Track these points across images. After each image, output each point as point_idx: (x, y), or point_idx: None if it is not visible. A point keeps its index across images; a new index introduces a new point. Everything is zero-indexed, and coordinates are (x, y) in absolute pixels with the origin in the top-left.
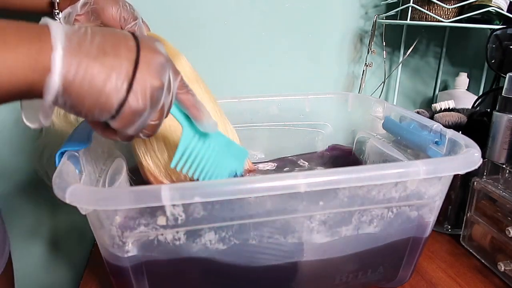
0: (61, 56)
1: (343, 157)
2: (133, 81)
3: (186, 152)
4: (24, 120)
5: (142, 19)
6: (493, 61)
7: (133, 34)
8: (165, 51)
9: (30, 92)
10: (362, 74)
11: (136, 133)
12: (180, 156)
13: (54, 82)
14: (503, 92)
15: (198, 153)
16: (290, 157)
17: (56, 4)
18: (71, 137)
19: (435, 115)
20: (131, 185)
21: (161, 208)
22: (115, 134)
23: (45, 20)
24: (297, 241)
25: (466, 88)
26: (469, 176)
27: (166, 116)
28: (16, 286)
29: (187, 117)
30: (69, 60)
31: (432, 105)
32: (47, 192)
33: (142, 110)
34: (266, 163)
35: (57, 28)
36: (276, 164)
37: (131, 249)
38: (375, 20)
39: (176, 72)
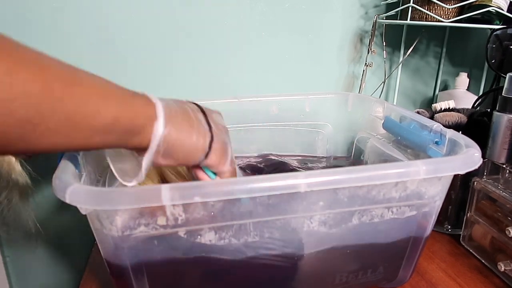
0: (162, 111)
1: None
2: (210, 126)
3: None
4: (122, 180)
5: None
6: (493, 61)
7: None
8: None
9: (138, 134)
10: (362, 74)
11: (231, 170)
12: None
13: (160, 129)
14: (503, 92)
15: None
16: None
17: None
18: None
19: (435, 115)
20: None
21: (161, 208)
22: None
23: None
24: (297, 241)
25: (466, 88)
26: (469, 176)
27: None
28: (17, 286)
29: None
30: (167, 116)
31: (432, 105)
32: (47, 191)
33: (225, 145)
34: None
35: (153, 96)
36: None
37: (131, 249)
38: (375, 20)
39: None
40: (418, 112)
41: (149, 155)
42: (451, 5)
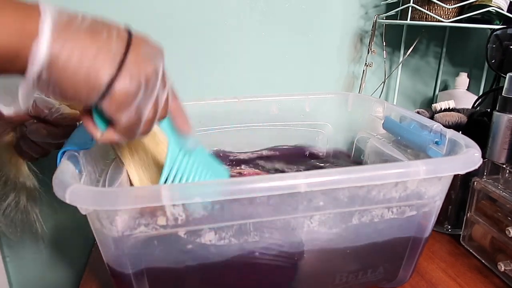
0: (49, 25)
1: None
2: (125, 59)
3: (174, 168)
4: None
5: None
6: (493, 61)
7: (124, 24)
8: (160, 45)
9: (15, 59)
10: (362, 74)
11: (131, 124)
12: (168, 172)
13: (41, 50)
14: (503, 92)
15: (185, 170)
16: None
17: None
18: (73, 137)
19: (435, 115)
20: (131, 185)
21: (161, 208)
22: (112, 132)
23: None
24: (297, 241)
25: (466, 88)
26: (469, 176)
27: (161, 116)
28: (17, 286)
29: (173, 131)
30: (58, 31)
31: (432, 105)
32: (47, 191)
33: (135, 93)
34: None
35: (46, 4)
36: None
37: (131, 249)
38: (375, 20)
39: (168, 77)
40: (418, 112)
41: (25, 83)
42: (451, 5)
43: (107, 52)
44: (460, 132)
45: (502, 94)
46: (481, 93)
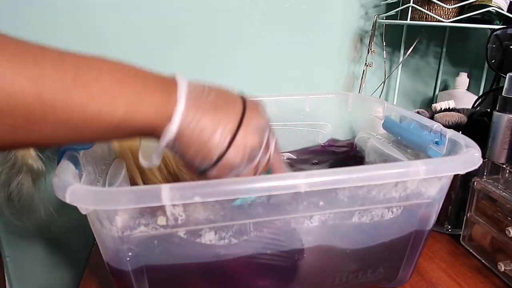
0: (182, 108)
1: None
2: (235, 137)
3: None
4: (141, 160)
5: None
6: (493, 61)
7: (241, 96)
8: (267, 116)
9: (151, 133)
10: (362, 74)
11: None
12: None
13: (172, 131)
14: (503, 92)
15: None
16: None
17: None
18: None
19: (435, 115)
20: (131, 185)
21: (161, 208)
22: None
23: (173, 73)
24: (297, 241)
25: (466, 88)
26: (469, 176)
27: (260, 173)
28: (17, 286)
29: None
30: (187, 112)
31: (432, 105)
32: (47, 192)
33: (238, 165)
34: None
35: (182, 82)
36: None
37: (131, 249)
38: (375, 20)
39: (273, 135)
40: (418, 112)
41: (158, 150)
42: (451, 5)
43: (222, 129)
44: (460, 132)
45: (502, 94)
46: (481, 93)
